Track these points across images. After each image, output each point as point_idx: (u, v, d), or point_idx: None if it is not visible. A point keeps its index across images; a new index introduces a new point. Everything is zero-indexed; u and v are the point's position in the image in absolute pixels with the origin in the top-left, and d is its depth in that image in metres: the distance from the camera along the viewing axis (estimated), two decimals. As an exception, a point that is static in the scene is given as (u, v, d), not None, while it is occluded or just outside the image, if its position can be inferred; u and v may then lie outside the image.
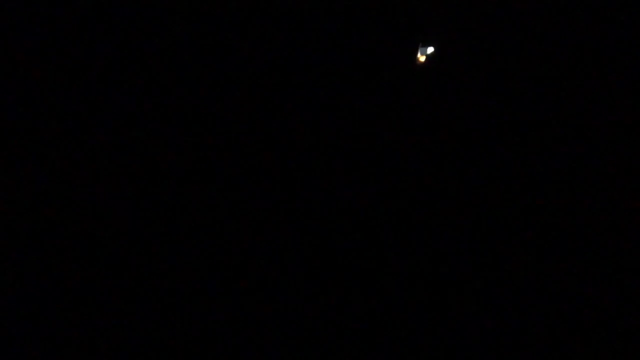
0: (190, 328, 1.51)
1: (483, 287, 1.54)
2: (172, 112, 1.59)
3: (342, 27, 1.58)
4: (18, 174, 1.55)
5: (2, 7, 1.55)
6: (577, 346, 1.50)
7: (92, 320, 1.51)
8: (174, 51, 1.59)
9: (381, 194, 1.57)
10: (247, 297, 1.54)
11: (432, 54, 1.53)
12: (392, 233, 1.56)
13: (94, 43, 1.58)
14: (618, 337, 1.49)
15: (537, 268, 1.54)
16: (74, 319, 1.51)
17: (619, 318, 1.50)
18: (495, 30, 1.57)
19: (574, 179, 1.55)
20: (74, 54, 1.58)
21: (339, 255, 1.56)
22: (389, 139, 1.58)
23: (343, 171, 1.58)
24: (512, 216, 1.56)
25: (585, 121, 1.56)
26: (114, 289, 1.53)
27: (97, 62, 1.58)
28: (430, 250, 1.56)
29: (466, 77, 1.58)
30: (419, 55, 1.52)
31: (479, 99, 1.58)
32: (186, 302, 1.53)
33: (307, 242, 1.56)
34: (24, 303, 1.51)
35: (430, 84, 1.59)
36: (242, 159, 1.58)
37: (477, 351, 1.50)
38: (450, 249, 1.55)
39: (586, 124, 1.56)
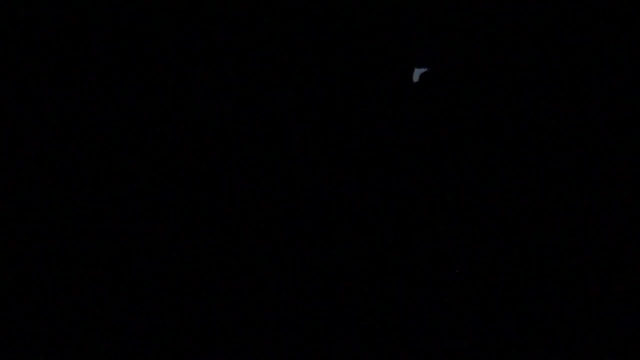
0: (190, 328, 1.52)
1: (483, 287, 1.54)
2: (172, 111, 1.59)
3: (342, 31, 1.59)
4: (18, 174, 1.55)
5: (2, 7, 1.55)
6: (577, 346, 1.50)
7: (91, 320, 1.52)
8: (173, 51, 1.60)
9: (380, 194, 1.58)
10: (246, 297, 1.54)
11: (426, 72, 1.56)
12: (392, 233, 1.57)
13: (93, 42, 1.58)
14: (618, 337, 1.49)
15: (538, 268, 1.55)
16: (73, 318, 1.52)
17: (618, 318, 1.50)
18: (491, 44, 1.58)
19: (574, 180, 1.56)
20: (74, 53, 1.59)
21: (339, 255, 1.56)
22: (388, 141, 1.58)
23: (342, 172, 1.59)
24: (512, 217, 1.57)
25: (585, 127, 1.57)
26: (114, 289, 1.54)
27: (96, 62, 1.59)
28: (430, 250, 1.56)
29: (463, 86, 1.59)
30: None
31: (477, 106, 1.59)
32: (186, 302, 1.54)
33: (307, 242, 1.57)
34: (24, 303, 1.52)
35: (427, 93, 1.60)
36: (242, 159, 1.58)
37: (477, 351, 1.51)
38: (450, 249, 1.56)
39: (586, 130, 1.57)
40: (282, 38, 1.60)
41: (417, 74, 1.60)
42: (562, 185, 1.56)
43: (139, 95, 1.59)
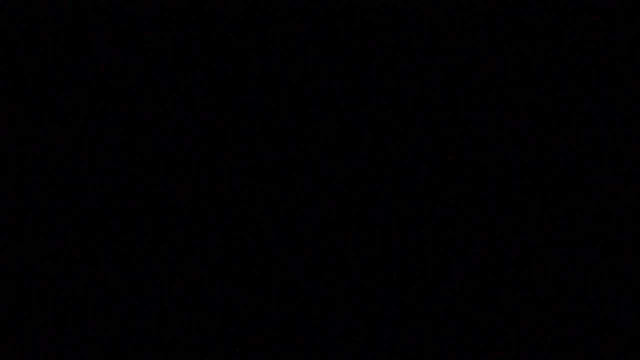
0: (190, 328, 1.52)
1: (484, 287, 1.55)
2: (172, 111, 1.60)
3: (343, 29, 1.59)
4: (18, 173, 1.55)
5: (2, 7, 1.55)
6: (577, 347, 1.50)
7: (91, 320, 1.52)
8: (174, 51, 1.60)
9: (381, 194, 1.58)
10: (246, 298, 1.55)
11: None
12: (393, 232, 1.57)
13: (94, 42, 1.59)
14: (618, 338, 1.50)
15: (540, 268, 1.55)
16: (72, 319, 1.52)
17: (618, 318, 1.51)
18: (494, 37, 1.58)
19: (575, 180, 1.56)
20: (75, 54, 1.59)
21: (339, 256, 1.57)
22: (388, 139, 1.59)
23: (343, 172, 1.59)
24: (513, 216, 1.57)
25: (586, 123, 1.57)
26: (114, 289, 1.54)
27: (97, 62, 1.59)
28: (430, 251, 1.56)
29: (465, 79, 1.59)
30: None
31: (479, 101, 1.59)
32: (187, 302, 1.54)
33: (307, 243, 1.57)
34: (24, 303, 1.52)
35: (430, 86, 1.60)
36: (242, 160, 1.59)
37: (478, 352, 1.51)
38: (450, 250, 1.56)
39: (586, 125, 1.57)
40: (282, 38, 1.60)
41: (417, 73, 1.60)
42: (562, 185, 1.57)
43: (139, 95, 1.59)
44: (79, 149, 1.56)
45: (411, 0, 1.57)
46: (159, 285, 1.53)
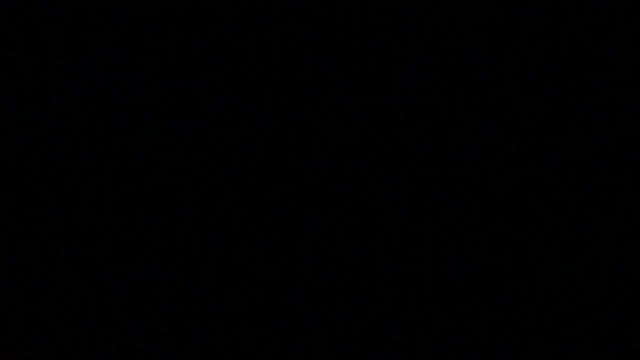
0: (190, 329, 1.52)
1: (484, 287, 1.55)
2: (173, 111, 1.60)
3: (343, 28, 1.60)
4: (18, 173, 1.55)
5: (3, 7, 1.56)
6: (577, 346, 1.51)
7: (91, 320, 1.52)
8: (174, 51, 1.60)
9: (383, 194, 1.58)
10: (247, 299, 1.55)
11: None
12: (395, 233, 1.57)
13: (94, 42, 1.59)
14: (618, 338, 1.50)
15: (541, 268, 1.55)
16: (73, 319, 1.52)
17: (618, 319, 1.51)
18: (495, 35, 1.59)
19: (575, 180, 1.57)
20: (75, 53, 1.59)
21: (340, 257, 1.57)
22: (390, 138, 1.59)
23: (344, 172, 1.59)
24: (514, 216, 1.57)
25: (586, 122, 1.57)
26: (113, 290, 1.54)
27: (97, 61, 1.59)
28: (431, 252, 1.57)
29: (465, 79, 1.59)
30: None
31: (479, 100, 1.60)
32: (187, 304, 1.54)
33: (308, 244, 1.57)
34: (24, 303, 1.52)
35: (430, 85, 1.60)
36: (243, 160, 1.59)
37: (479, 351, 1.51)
38: (452, 250, 1.56)
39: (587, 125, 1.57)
40: (282, 38, 1.60)
41: (416, 72, 1.60)
42: (563, 186, 1.57)
43: (139, 95, 1.59)
44: (79, 148, 1.56)
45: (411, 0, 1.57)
46: (159, 285, 1.53)
